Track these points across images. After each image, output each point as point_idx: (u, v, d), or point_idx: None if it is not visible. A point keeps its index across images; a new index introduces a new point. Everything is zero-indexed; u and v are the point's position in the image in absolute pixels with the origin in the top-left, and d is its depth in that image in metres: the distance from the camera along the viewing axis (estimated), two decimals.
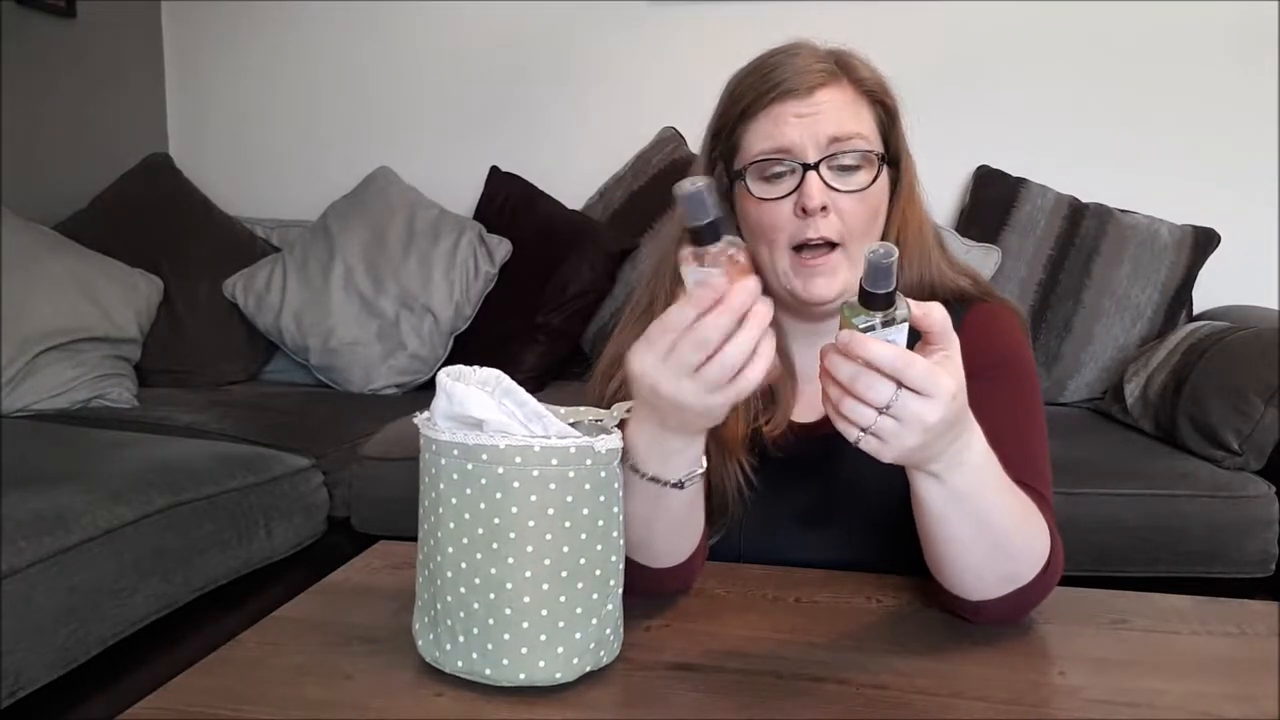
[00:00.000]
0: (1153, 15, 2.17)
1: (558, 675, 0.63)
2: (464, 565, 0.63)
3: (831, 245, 0.80)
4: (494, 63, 2.51)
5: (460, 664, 0.64)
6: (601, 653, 0.65)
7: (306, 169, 2.62)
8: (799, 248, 0.81)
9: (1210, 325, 1.80)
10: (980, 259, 2.02)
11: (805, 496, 0.87)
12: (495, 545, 0.62)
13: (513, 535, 0.61)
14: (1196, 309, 2.09)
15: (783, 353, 0.79)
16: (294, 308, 2.23)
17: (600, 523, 0.64)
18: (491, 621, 0.62)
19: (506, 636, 0.62)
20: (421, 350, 2.18)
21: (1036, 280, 2.03)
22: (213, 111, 2.70)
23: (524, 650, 0.62)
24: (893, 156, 0.85)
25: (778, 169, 0.81)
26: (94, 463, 1.42)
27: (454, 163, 2.49)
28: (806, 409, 0.88)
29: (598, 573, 0.64)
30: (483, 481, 0.62)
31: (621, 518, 0.66)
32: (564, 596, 0.63)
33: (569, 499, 0.62)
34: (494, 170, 2.38)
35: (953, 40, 2.27)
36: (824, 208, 0.79)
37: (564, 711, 0.62)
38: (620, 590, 0.67)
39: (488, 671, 0.63)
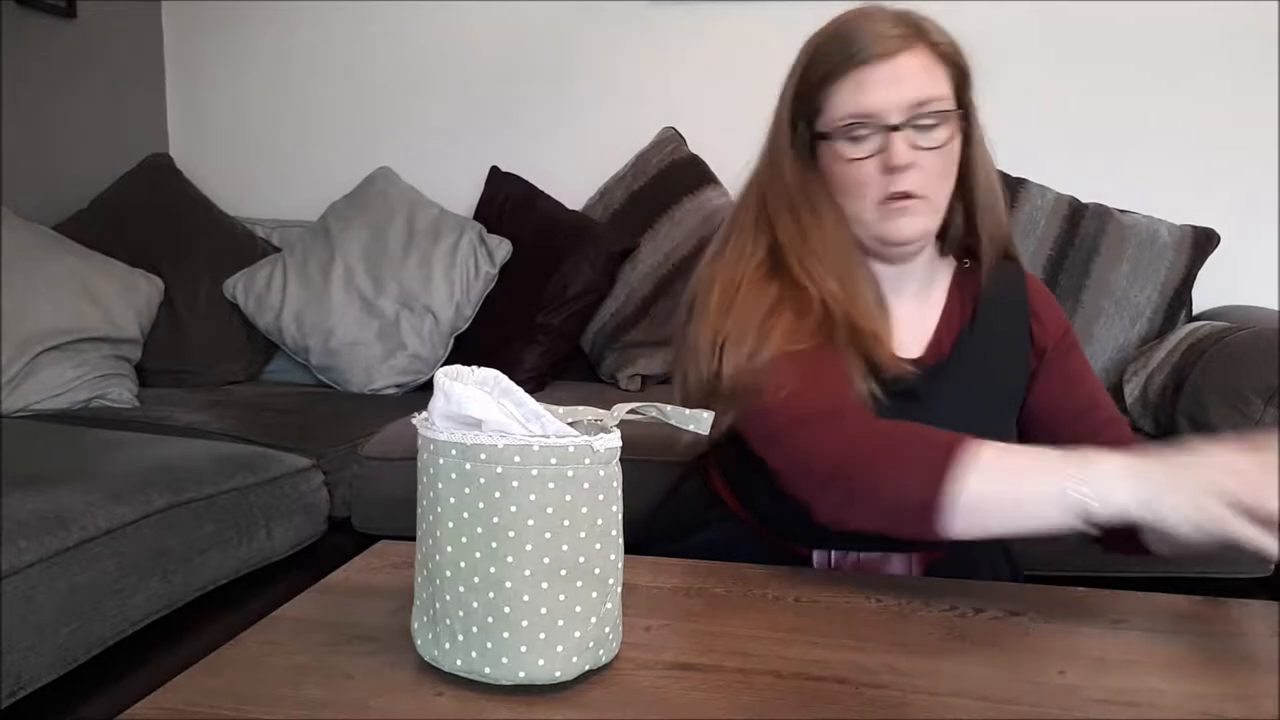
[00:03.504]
0: (1152, 15, 2.17)
1: (557, 674, 0.63)
2: (463, 564, 0.63)
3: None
4: (494, 63, 2.51)
5: (459, 663, 0.64)
6: (600, 651, 0.65)
7: (307, 169, 2.62)
8: (888, 196, 0.88)
9: (1210, 325, 1.80)
10: None
11: (913, 419, 0.86)
12: (494, 544, 0.62)
13: (511, 534, 0.62)
14: (1196, 309, 2.08)
15: (878, 299, 0.91)
16: (294, 308, 2.23)
17: (599, 521, 0.64)
18: (490, 620, 0.62)
19: (505, 635, 0.62)
20: (422, 350, 2.19)
21: None
22: (213, 111, 2.70)
23: (523, 649, 0.62)
24: (965, 111, 0.92)
25: (862, 131, 0.87)
26: (94, 462, 1.42)
27: (454, 163, 2.49)
28: (905, 345, 0.95)
29: (597, 571, 0.64)
30: (481, 481, 0.62)
31: (620, 516, 0.66)
32: (563, 595, 0.63)
33: (567, 498, 0.62)
34: (494, 170, 2.38)
35: None
36: (911, 164, 0.86)
37: (564, 711, 0.62)
38: (619, 589, 0.67)
39: (487, 670, 0.63)
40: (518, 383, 0.65)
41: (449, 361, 2.21)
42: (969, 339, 0.96)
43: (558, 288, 2.12)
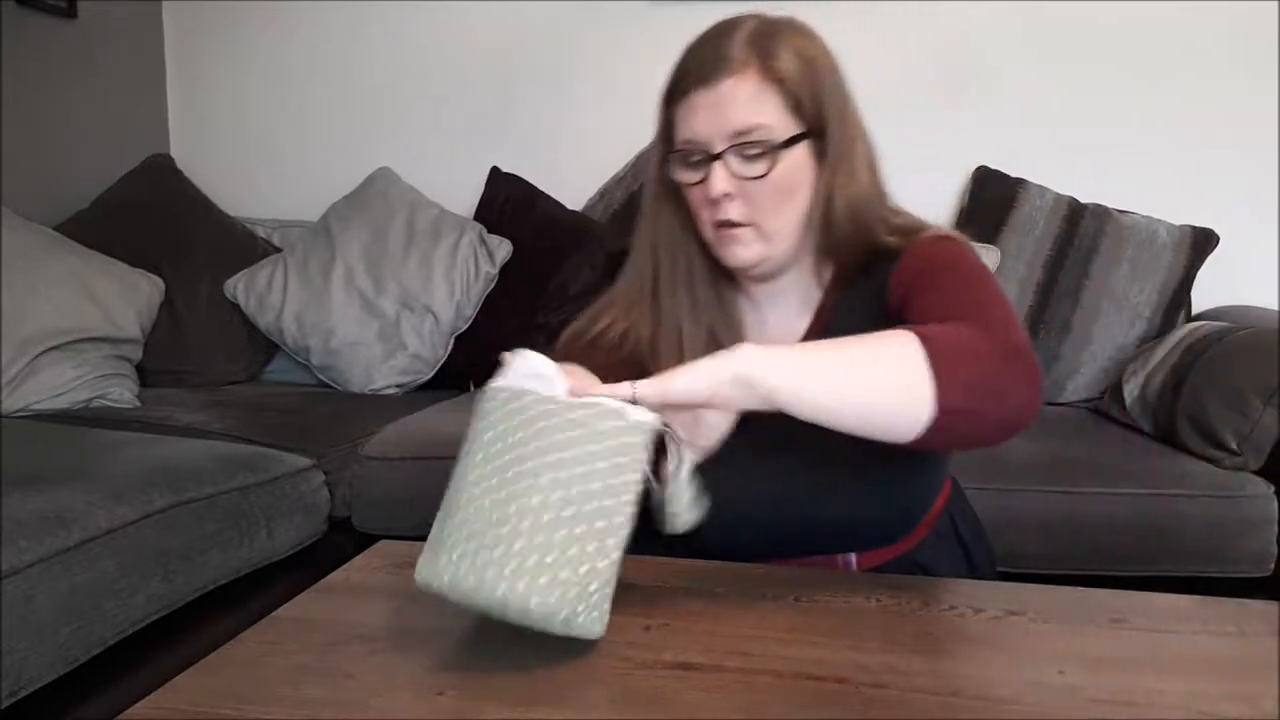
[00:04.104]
0: (1151, 14, 2.17)
1: (533, 601, 0.63)
2: (479, 489, 0.66)
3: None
4: (494, 63, 2.51)
5: (447, 579, 0.65)
6: (580, 607, 0.65)
7: (307, 169, 2.62)
8: (716, 223, 0.88)
9: (1209, 325, 1.80)
10: None
11: (749, 434, 0.84)
12: (512, 472, 0.66)
13: (530, 463, 0.65)
14: (1195, 309, 2.09)
15: (731, 316, 0.93)
16: (295, 308, 2.23)
17: (613, 482, 0.66)
18: (489, 538, 0.64)
19: (498, 551, 0.64)
20: (422, 350, 2.19)
21: (1035, 280, 2.04)
22: (213, 112, 2.70)
23: (509, 569, 0.63)
24: (816, 129, 0.86)
25: (693, 157, 0.86)
26: (95, 462, 1.42)
27: (454, 163, 2.49)
28: None
29: (599, 524, 0.66)
30: (517, 418, 0.67)
31: (638, 490, 0.68)
32: (562, 531, 0.64)
33: (591, 447, 0.65)
34: (494, 170, 2.38)
35: (952, 40, 2.27)
36: (728, 194, 0.85)
37: (564, 711, 0.62)
38: (619, 560, 0.67)
39: (470, 582, 0.64)
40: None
41: (449, 362, 2.22)
42: (814, 338, 0.93)
43: (558, 288, 2.12)
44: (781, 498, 0.81)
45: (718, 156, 0.84)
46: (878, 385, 0.72)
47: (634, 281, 0.95)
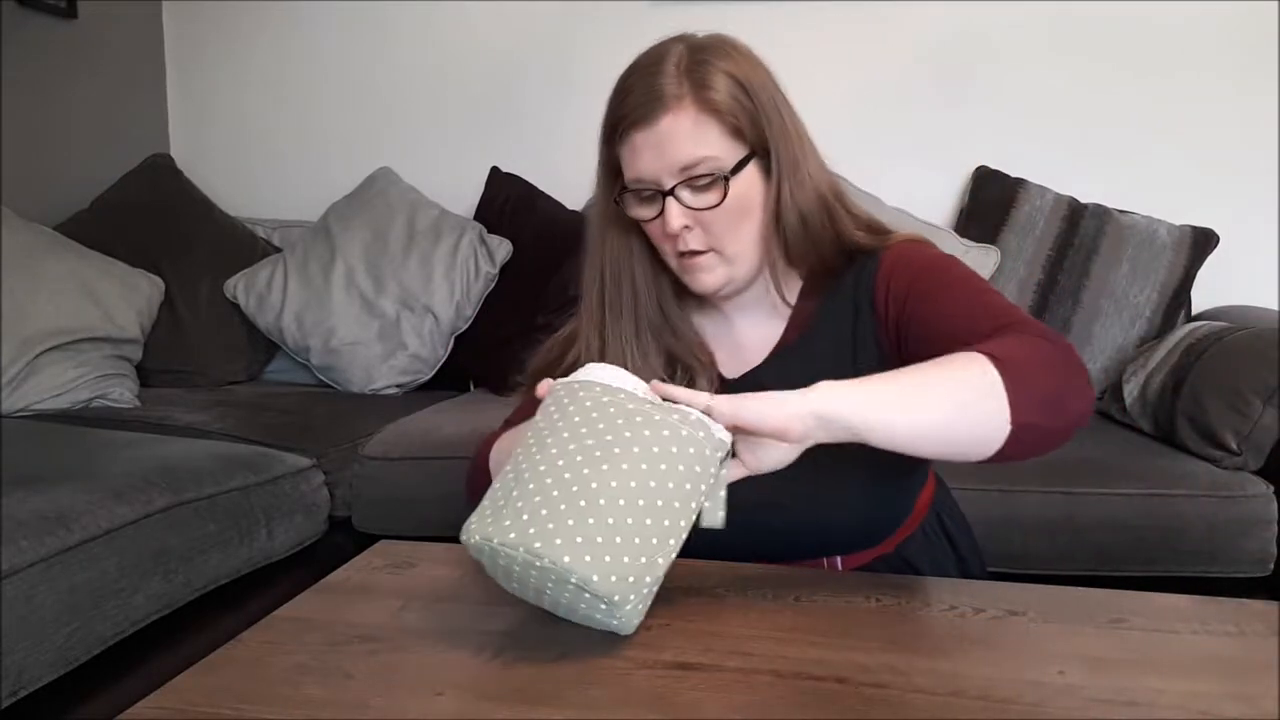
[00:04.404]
0: (1151, 14, 2.17)
1: (596, 576, 0.64)
2: (560, 463, 0.67)
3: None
4: (494, 63, 2.51)
5: (512, 535, 0.65)
6: (632, 596, 0.66)
7: (307, 169, 2.62)
8: (678, 253, 0.89)
9: (1209, 325, 1.80)
10: (979, 259, 2.02)
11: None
12: (599, 453, 0.67)
13: (617, 450, 0.67)
14: (1195, 309, 2.09)
15: (685, 335, 0.95)
16: (295, 308, 2.23)
17: (686, 487, 0.68)
18: (563, 507, 0.65)
19: (570, 522, 0.65)
20: (422, 350, 2.19)
21: (1035, 280, 2.04)
22: (213, 112, 2.70)
23: (579, 539, 0.64)
24: (760, 149, 0.87)
25: (645, 193, 0.88)
26: (95, 462, 1.42)
27: (454, 163, 2.49)
28: (731, 369, 0.96)
29: (665, 523, 0.67)
30: (611, 410, 0.69)
31: (697, 507, 0.69)
32: (631, 519, 0.65)
33: (674, 449, 0.67)
34: (494, 171, 2.38)
35: (952, 40, 2.27)
36: (686, 226, 0.86)
37: (564, 711, 0.62)
38: (667, 567, 0.68)
39: (537, 545, 0.64)
40: (517, 383, 0.68)
41: (449, 362, 2.22)
42: (791, 348, 0.94)
43: (558, 288, 2.12)
44: (763, 502, 0.81)
45: (669, 192, 0.86)
46: (958, 413, 0.73)
47: (585, 310, 0.97)
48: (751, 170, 0.87)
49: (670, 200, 0.86)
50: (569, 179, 2.33)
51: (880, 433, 0.72)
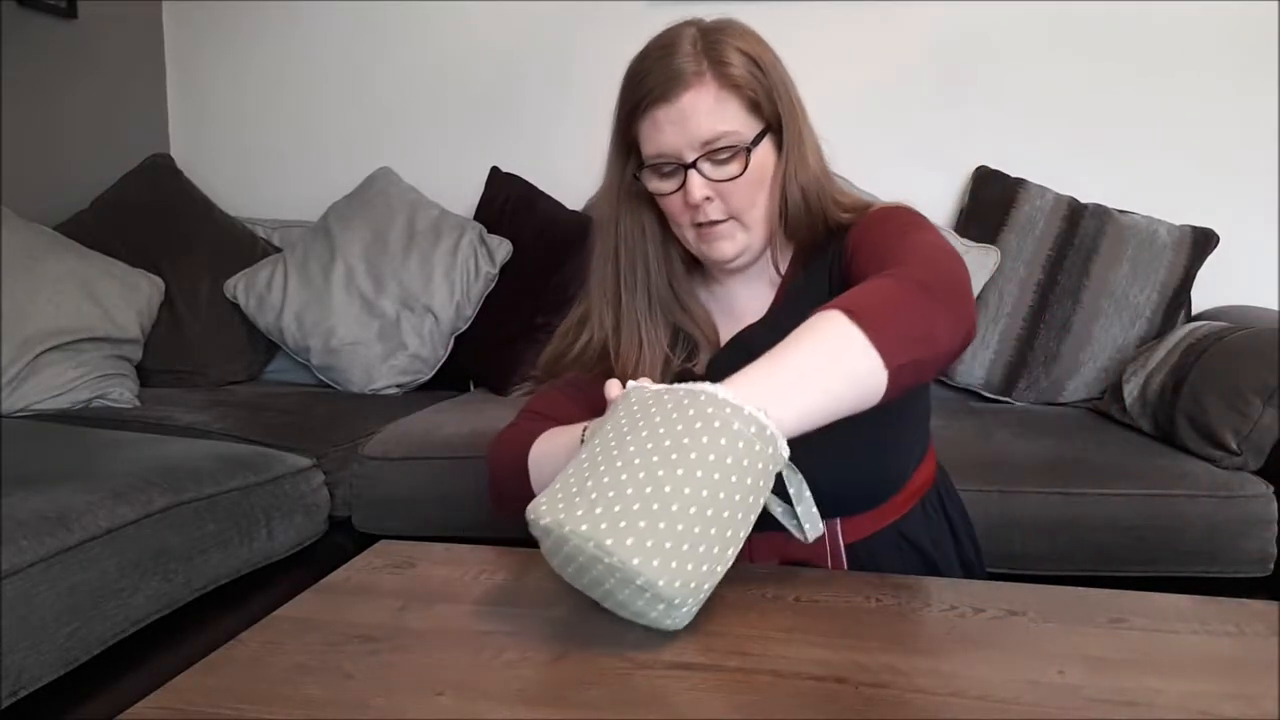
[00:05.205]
0: (1152, 14, 2.17)
1: (662, 581, 0.64)
2: (637, 461, 0.67)
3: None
4: (494, 63, 2.51)
5: (584, 527, 0.65)
6: (690, 601, 0.66)
7: (307, 169, 2.62)
8: (697, 225, 0.94)
9: (1209, 325, 1.80)
10: (979, 259, 2.02)
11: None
12: (675, 456, 0.66)
13: (693, 456, 0.66)
14: (1195, 309, 2.09)
15: (691, 309, 1.00)
16: (295, 308, 2.23)
17: (751, 498, 0.68)
18: (637, 506, 0.65)
19: (643, 524, 0.64)
20: (422, 350, 2.19)
21: (1035, 280, 2.04)
22: (213, 112, 2.70)
23: (649, 542, 0.64)
24: (774, 123, 0.93)
25: (666, 168, 0.92)
26: (95, 462, 1.42)
27: (454, 163, 2.49)
28: (724, 336, 1.01)
29: (728, 533, 0.67)
30: (691, 412, 0.68)
31: (755, 514, 0.69)
32: (699, 527, 0.65)
33: (745, 461, 0.67)
34: (494, 170, 2.38)
35: (953, 39, 2.27)
36: (708, 198, 0.91)
37: (564, 711, 0.62)
38: (722, 575, 0.68)
39: (609, 541, 0.64)
40: (517, 383, 0.67)
41: (449, 362, 2.22)
42: (776, 313, 0.98)
43: (558, 288, 2.12)
44: None
45: (691, 165, 0.90)
46: (835, 380, 0.73)
47: (597, 287, 1.01)
48: (767, 144, 0.93)
49: (692, 173, 0.90)
50: (569, 179, 2.34)
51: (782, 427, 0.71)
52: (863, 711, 0.61)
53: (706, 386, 0.70)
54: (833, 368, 0.73)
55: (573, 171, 2.36)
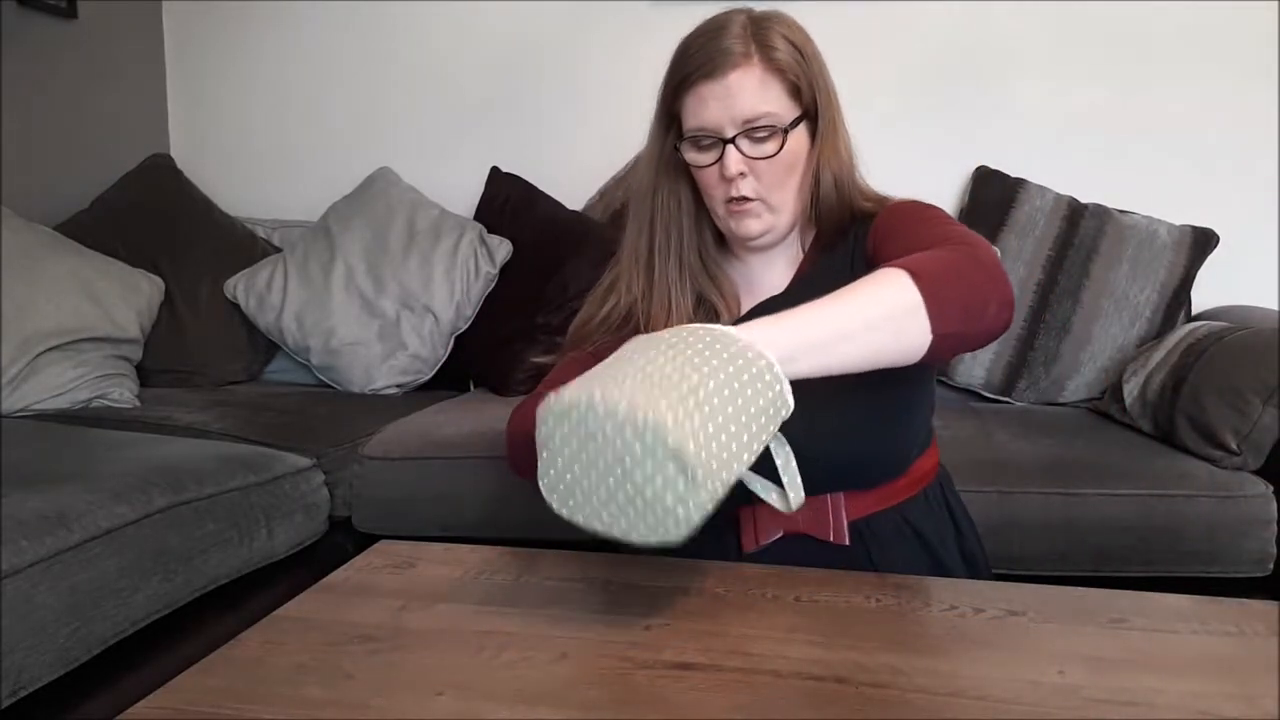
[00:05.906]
0: (1152, 15, 2.17)
1: (690, 445, 0.61)
2: (661, 360, 0.66)
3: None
4: (494, 63, 2.51)
5: (615, 392, 0.63)
6: (709, 483, 0.63)
7: (307, 169, 2.62)
8: (729, 199, 0.97)
9: (1209, 325, 1.80)
10: None
11: None
12: (696, 360, 0.65)
13: (714, 362, 0.65)
14: (1195, 309, 2.08)
15: (718, 279, 1.03)
16: (295, 308, 2.23)
17: (762, 420, 0.67)
18: (663, 385, 0.63)
19: (673, 395, 0.62)
20: (422, 350, 2.19)
21: (1035, 280, 2.04)
22: (213, 112, 2.70)
23: (680, 411, 0.62)
24: (811, 111, 0.97)
25: (705, 141, 0.96)
26: (95, 462, 1.42)
27: (454, 163, 2.49)
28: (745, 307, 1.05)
29: (744, 438, 0.65)
30: (708, 338, 0.67)
31: (762, 443, 0.67)
32: (722, 417, 0.63)
33: (758, 384, 0.66)
34: (494, 170, 2.38)
35: (952, 40, 2.27)
36: (742, 173, 0.95)
37: (564, 711, 0.62)
38: (733, 482, 0.65)
39: (641, 399, 0.62)
40: (517, 383, 0.67)
41: (449, 362, 2.22)
42: (795, 287, 1.02)
43: (558, 288, 2.12)
44: None
45: (730, 141, 0.93)
46: (882, 335, 0.75)
47: (630, 253, 1.04)
48: (802, 129, 0.97)
49: (730, 148, 0.94)
50: (569, 179, 2.34)
51: (808, 363, 0.72)
52: (862, 711, 0.61)
53: (718, 326, 0.70)
54: (882, 318, 0.75)
55: (573, 171, 2.37)
